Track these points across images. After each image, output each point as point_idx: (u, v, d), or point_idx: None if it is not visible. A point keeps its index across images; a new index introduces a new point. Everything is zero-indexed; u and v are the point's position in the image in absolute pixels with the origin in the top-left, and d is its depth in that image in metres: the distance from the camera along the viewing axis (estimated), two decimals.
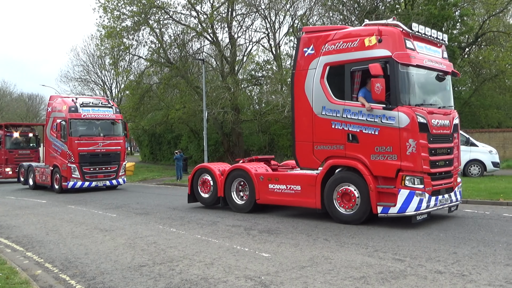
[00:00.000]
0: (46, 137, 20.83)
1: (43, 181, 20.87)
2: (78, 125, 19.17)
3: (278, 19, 30.72)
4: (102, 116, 19.93)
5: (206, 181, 12.74)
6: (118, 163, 20.17)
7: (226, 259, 7.01)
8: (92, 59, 46.97)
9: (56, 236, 9.46)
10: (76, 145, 18.92)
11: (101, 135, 19.69)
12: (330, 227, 9.42)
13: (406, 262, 6.56)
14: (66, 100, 19.86)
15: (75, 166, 18.85)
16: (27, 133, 29.42)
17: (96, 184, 19.54)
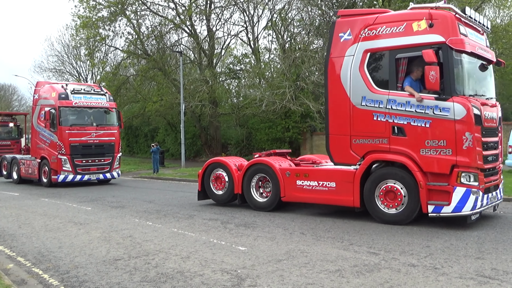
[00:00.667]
0: (33, 127, 19.36)
1: (29, 174, 19.44)
2: (69, 113, 17.70)
3: (256, 13, 30.72)
4: (95, 104, 18.37)
5: (220, 177, 11.70)
6: (112, 155, 18.72)
7: (203, 252, 7.00)
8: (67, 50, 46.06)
9: (29, 229, 9.28)
10: (67, 135, 17.50)
11: (94, 125, 18.20)
12: (306, 221, 9.49)
13: (381, 255, 6.66)
14: (55, 87, 18.43)
15: (66, 158, 17.42)
16: (7, 122, 27.81)
17: (89, 178, 18.17)
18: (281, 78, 25.83)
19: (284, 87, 24.70)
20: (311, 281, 5.54)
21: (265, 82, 28.83)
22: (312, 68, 26.53)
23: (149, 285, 5.52)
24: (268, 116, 27.53)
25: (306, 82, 25.02)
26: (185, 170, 24.14)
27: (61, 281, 5.82)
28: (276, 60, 30.68)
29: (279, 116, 27.47)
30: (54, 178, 17.60)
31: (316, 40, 29.03)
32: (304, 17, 29.28)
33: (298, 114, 26.61)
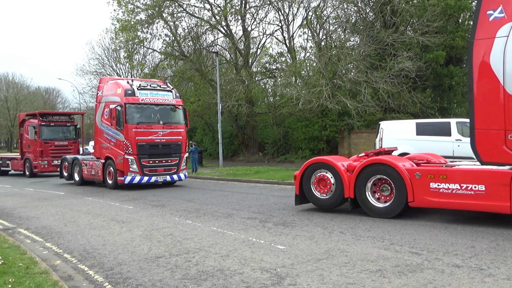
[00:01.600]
0: (96, 126, 18.32)
1: (92, 175, 18.50)
2: (136, 110, 16.60)
3: (291, 11, 30.59)
4: (162, 100, 17.22)
5: (324, 179, 10.26)
6: (180, 156, 17.48)
7: (242, 251, 7.04)
8: (107, 53, 47.24)
9: (74, 227, 9.59)
10: (133, 134, 16.38)
11: (160, 123, 17.04)
12: (345, 220, 9.39)
13: (423, 255, 6.52)
14: (120, 83, 17.35)
15: (133, 158, 16.30)
16: (64, 122, 26.63)
17: (156, 180, 16.94)
18: (317, 76, 25.64)
19: (320, 85, 24.51)
20: (351, 280, 5.49)
21: (301, 80, 28.70)
22: (348, 65, 26.23)
23: (190, 283, 5.60)
24: (304, 115, 27.39)
25: (343, 80, 24.74)
26: (223, 169, 24.34)
27: (105, 277, 5.99)
28: (312, 58, 30.46)
29: (316, 115, 27.28)
30: (120, 180, 16.56)
31: (353, 37, 28.70)
32: (339, 15, 29.00)
33: (335, 113, 26.36)
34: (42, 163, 24.79)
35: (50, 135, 25.38)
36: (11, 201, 14.62)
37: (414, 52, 23.90)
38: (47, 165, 24.88)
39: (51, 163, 24.83)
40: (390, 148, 11.40)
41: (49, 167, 24.89)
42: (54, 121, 26.07)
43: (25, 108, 64.22)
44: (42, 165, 24.80)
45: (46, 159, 24.84)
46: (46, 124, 25.41)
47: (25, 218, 11.14)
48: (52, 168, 24.88)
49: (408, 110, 25.11)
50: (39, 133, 24.88)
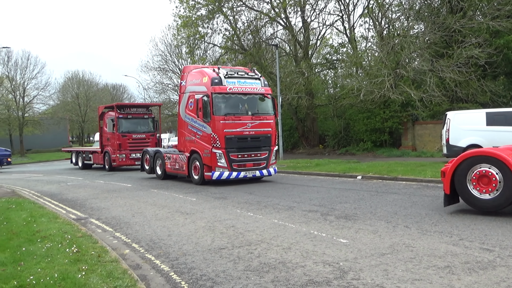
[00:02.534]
0: (180, 118, 17.40)
1: (175, 170, 17.72)
2: (223, 101, 15.44)
3: (352, 1, 29.89)
4: (250, 89, 15.93)
5: (486, 175, 8.60)
6: (269, 149, 16.22)
7: (304, 244, 7.02)
8: (170, 49, 48.47)
9: (141, 218, 9.99)
10: (221, 126, 15.26)
11: (249, 114, 15.79)
12: (410, 214, 9.10)
13: (495, 252, 6.19)
14: (206, 71, 16.04)
15: (221, 152, 15.20)
16: (141, 114, 25.97)
17: (245, 175, 15.74)
18: (379, 66, 24.94)
19: (382, 75, 23.84)
20: (418, 277, 5.31)
21: (363, 71, 28.04)
22: (412, 54, 25.30)
23: (252, 274, 5.66)
24: (366, 106, 26.79)
25: (407, 70, 23.92)
26: (283, 162, 24.35)
27: (171, 267, 6.19)
28: (374, 48, 29.68)
29: (378, 106, 26.59)
30: (207, 175, 15.51)
31: (417, 24, 27.63)
32: (403, 2, 27.99)
33: (398, 103, 25.56)
34: (120, 157, 24.57)
35: (127, 128, 24.99)
36: (83, 192, 15.45)
37: (483, 38, 22.63)
38: (125, 159, 24.64)
39: (129, 156, 24.66)
40: None
41: (127, 160, 24.70)
42: (131, 113, 25.60)
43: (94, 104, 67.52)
44: (120, 158, 24.57)
45: (124, 152, 24.60)
46: (123, 117, 25.05)
47: (96, 208, 11.74)
48: (130, 162, 24.75)
49: (477, 100, 23.87)
50: (117, 125, 24.63)
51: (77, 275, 5.50)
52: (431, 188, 12.79)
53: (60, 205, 12.71)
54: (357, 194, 12.28)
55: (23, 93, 57.52)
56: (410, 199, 10.99)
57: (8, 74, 56.38)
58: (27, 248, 6.93)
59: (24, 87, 57.69)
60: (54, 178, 22.54)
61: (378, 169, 17.08)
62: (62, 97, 68.78)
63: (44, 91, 60.01)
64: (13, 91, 56.84)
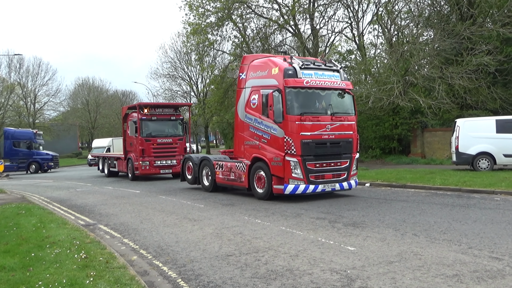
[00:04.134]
0: (237, 117, 14.54)
1: (229, 181, 14.70)
2: (299, 97, 12.55)
3: (361, 8, 29.90)
4: (330, 83, 12.98)
5: None
6: (350, 157, 13.20)
7: (311, 251, 7.00)
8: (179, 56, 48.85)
9: (149, 224, 10.02)
10: (297, 128, 12.30)
11: (328, 113, 12.84)
12: (419, 222, 9.05)
13: (505, 261, 6.13)
14: (275, 61, 13.21)
15: (296, 161, 12.24)
16: (168, 115, 22.63)
17: (323, 189, 12.73)
18: (388, 73, 24.89)
19: (391, 82, 23.78)
20: (426, 285, 5.28)
21: (371, 78, 28.00)
22: (422, 61, 25.21)
23: (259, 281, 5.66)
24: (375, 113, 26.71)
25: (416, 77, 23.83)
26: None
27: (178, 273, 6.20)
28: (383, 55, 29.63)
29: (387, 113, 26.51)
30: (277, 189, 12.64)
31: (426, 31, 27.56)
32: (412, 9, 27.96)
33: (407, 110, 25.47)
34: (143, 164, 21.63)
35: (152, 131, 22.00)
36: (92, 198, 15.55)
37: (494, 45, 22.51)
38: (148, 166, 21.67)
39: (153, 164, 21.75)
40: None
41: (151, 168, 21.75)
42: (156, 114, 22.36)
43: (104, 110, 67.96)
44: (143, 166, 21.63)
45: (148, 159, 21.69)
46: (147, 118, 21.90)
47: (104, 215, 11.80)
48: (154, 170, 21.88)
49: (487, 107, 23.72)
50: (140, 128, 21.62)
51: (85, 281, 5.53)
52: (440, 196, 12.70)
53: (69, 211, 12.79)
54: (365, 201, 12.24)
55: (34, 99, 58.25)
56: (419, 206, 10.93)
57: (19, 81, 57.14)
58: (36, 253, 6.98)
59: (35, 93, 58.45)
60: (64, 184, 22.70)
61: (386, 176, 17.00)
62: (73, 103, 69.46)
63: (54, 97, 60.80)
64: (24, 98, 57.57)
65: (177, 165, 21.89)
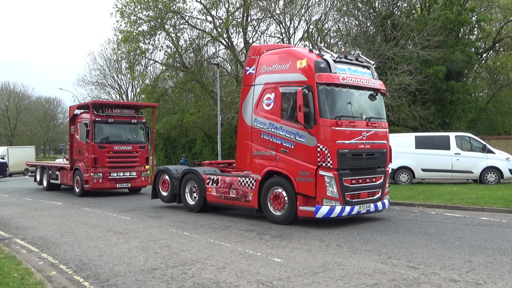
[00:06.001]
0: (242, 122, 11.72)
1: (227, 199, 11.94)
2: (335, 96, 10.24)
3: (293, 24, 30.74)
4: (365, 82, 10.74)
5: None
6: (384, 171, 11.08)
7: (239, 263, 7.02)
8: (109, 63, 47.50)
9: (71, 237, 9.56)
10: (333, 135, 9.91)
11: (363, 118, 10.63)
12: (343, 233, 9.36)
13: (420, 269, 6.49)
14: (300, 52, 10.95)
15: (332, 176, 9.83)
16: (129, 118, 19.05)
17: (358, 211, 10.36)
18: None
19: None
20: None
21: None
22: None
23: None
24: None
25: None
26: None
27: None
28: None
29: None
30: (305, 211, 10.10)
31: (353, 50, 28.84)
32: (340, 28, 29.19)
33: None
34: (96, 176, 17.96)
35: (107, 136, 18.45)
36: (8, 210, 14.58)
37: (414, 66, 24.01)
38: (102, 179, 18.08)
39: (107, 176, 18.21)
40: None
41: (105, 181, 18.19)
42: (114, 116, 18.69)
43: (25, 117, 64.35)
44: (95, 178, 17.97)
45: (101, 170, 18.07)
46: (102, 121, 18.28)
47: (22, 228, 11.11)
48: (109, 184, 18.35)
49: (408, 124, 25.14)
50: (93, 132, 18.02)
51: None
52: None
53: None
54: None
55: None
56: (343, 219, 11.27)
57: None
58: None
59: None
60: None
61: None
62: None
63: None
64: None
65: (137, 178, 19.00)
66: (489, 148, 19.07)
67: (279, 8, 29.65)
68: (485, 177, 18.67)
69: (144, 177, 19.32)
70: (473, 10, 27.93)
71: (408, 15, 28.10)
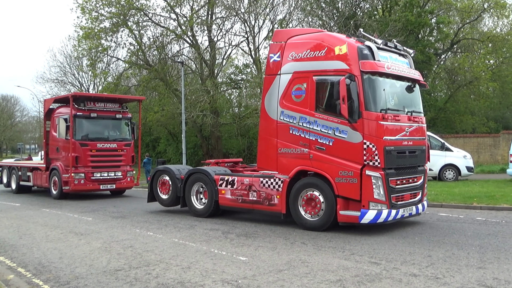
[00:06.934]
0: (266, 115, 10.42)
1: (244, 202, 10.67)
2: (379, 87, 9.26)
3: (257, 23, 30.82)
4: (407, 72, 9.93)
5: None
6: (424, 170, 10.24)
7: (203, 263, 6.98)
8: (69, 60, 46.25)
9: (29, 240, 9.27)
10: (380, 130, 8.94)
11: (405, 112, 9.69)
12: (307, 231, 9.45)
13: (382, 265, 6.64)
14: (338, 36, 9.91)
15: (379, 177, 8.83)
16: (113, 113, 17.46)
17: (402, 215, 9.43)
18: None
19: None
20: None
21: None
22: None
23: None
24: None
25: None
26: None
27: None
28: None
29: None
30: (348, 216, 9.06)
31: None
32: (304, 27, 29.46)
33: None
34: (77, 177, 16.30)
35: (89, 133, 16.83)
36: None
37: None
38: (83, 180, 16.44)
39: (90, 177, 16.58)
40: None
41: (88, 182, 16.54)
42: (96, 110, 17.02)
43: None
44: (76, 179, 16.30)
45: (84, 170, 16.47)
46: (84, 115, 16.62)
47: None
48: (92, 185, 16.73)
49: None
50: (73, 128, 16.36)
51: None
52: None
53: None
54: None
55: None
56: None
57: None
58: None
59: None
60: None
61: None
62: None
63: None
64: None
65: (122, 179, 17.51)
66: (448, 146, 19.71)
67: (244, 6, 29.71)
68: (444, 174, 19.28)
69: (130, 177, 17.90)
70: (432, 12, 28.80)
71: (370, 16, 28.71)
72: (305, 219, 9.60)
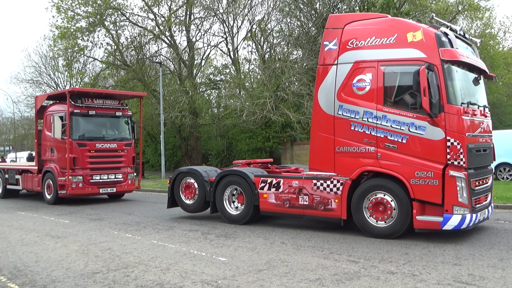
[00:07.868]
0: (319, 110, 9.32)
1: (294, 207, 9.59)
2: (460, 77, 8.57)
3: (236, 24, 30.84)
4: (478, 63, 9.19)
5: None
6: (491, 171, 9.69)
7: (183, 264, 6.95)
8: (45, 60, 45.38)
9: (4, 243, 9.07)
10: (463, 126, 8.09)
11: (478, 107, 8.98)
12: (287, 231, 9.51)
13: (360, 263, 6.71)
14: (409, 22, 9.09)
15: (463, 177, 7.94)
16: (113, 110, 16.24)
17: (479, 219, 8.60)
18: (261, 88, 25.93)
19: (264, 97, 24.79)
20: None
21: (245, 92, 28.91)
22: (292, 78, 26.73)
23: None
24: (248, 126, 27.57)
25: (287, 92, 25.17)
26: (165, 181, 23.93)
27: None
28: (256, 70, 30.83)
29: (260, 126, 27.54)
30: (426, 222, 8.15)
31: (296, 50, 29.32)
32: (283, 28, 29.56)
33: (278, 124, 26.73)
34: (74, 180, 15.07)
35: (88, 132, 15.59)
36: None
37: None
38: (82, 183, 15.18)
39: (89, 180, 15.34)
40: None
41: (86, 186, 15.31)
42: (95, 107, 15.74)
43: None
44: (74, 182, 15.06)
45: (82, 172, 15.18)
46: (82, 113, 15.40)
47: None
48: (91, 189, 15.44)
49: None
50: (70, 127, 15.08)
51: None
52: None
53: None
54: None
55: None
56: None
57: None
58: None
59: None
60: None
61: None
62: None
63: None
64: None
65: (123, 182, 16.23)
66: None
67: (222, 7, 29.69)
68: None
69: (131, 180, 16.60)
70: (408, 14, 29.19)
71: None
72: (373, 226, 8.61)
